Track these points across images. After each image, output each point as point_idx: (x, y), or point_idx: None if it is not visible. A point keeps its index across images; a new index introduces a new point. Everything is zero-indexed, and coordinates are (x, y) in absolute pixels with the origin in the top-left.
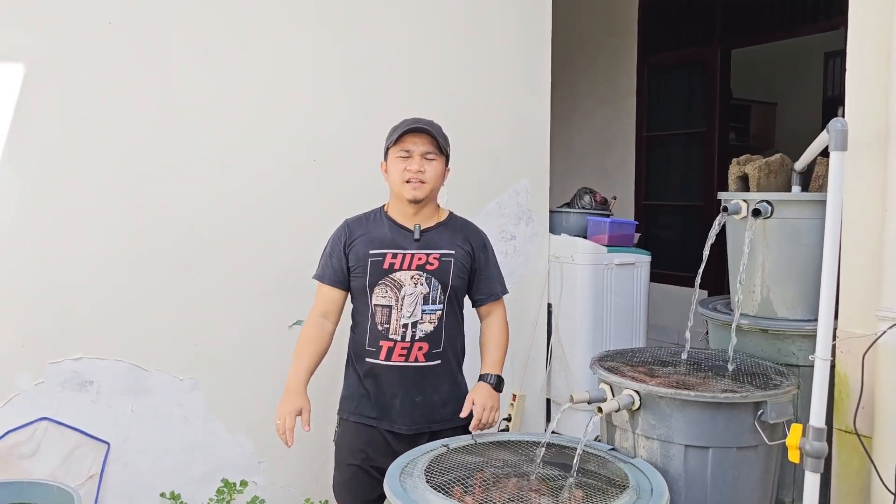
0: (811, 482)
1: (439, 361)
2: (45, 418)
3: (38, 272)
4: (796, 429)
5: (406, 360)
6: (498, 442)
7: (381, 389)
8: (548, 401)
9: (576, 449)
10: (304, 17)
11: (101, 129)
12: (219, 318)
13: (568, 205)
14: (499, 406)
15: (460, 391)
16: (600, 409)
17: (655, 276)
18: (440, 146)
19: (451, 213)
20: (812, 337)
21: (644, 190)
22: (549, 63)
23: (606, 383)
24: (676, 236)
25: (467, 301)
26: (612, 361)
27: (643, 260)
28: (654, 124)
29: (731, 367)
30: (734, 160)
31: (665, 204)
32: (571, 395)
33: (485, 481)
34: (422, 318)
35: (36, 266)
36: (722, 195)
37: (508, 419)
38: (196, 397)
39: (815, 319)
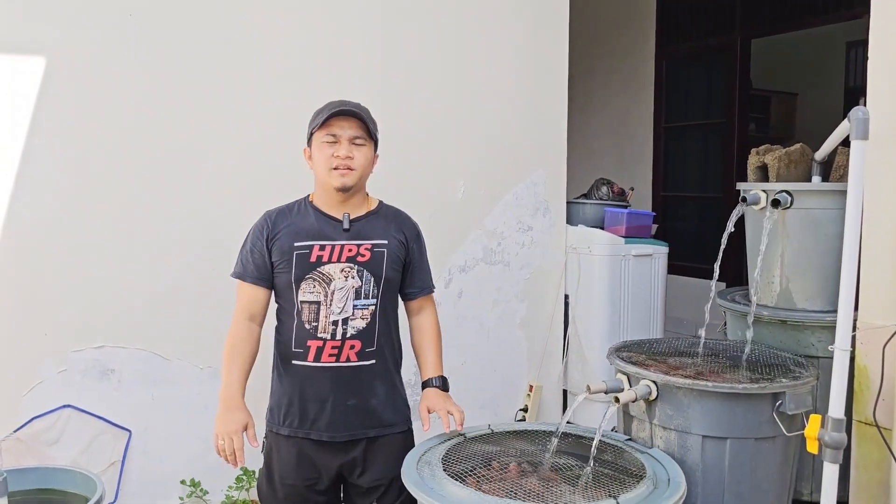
0: (830, 473)
1: (374, 361)
2: (69, 406)
3: (62, 262)
4: (815, 420)
5: (337, 361)
6: (515, 431)
7: (310, 394)
8: (564, 392)
9: (592, 439)
10: (323, 11)
11: (123, 121)
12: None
13: (585, 196)
14: (458, 406)
15: (398, 394)
16: (617, 399)
17: (672, 268)
18: (369, 130)
19: (381, 202)
20: (831, 328)
21: (662, 181)
22: (567, 53)
23: (623, 373)
24: (694, 228)
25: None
26: (629, 352)
27: (661, 251)
28: (673, 115)
29: (749, 357)
30: (753, 150)
31: (683, 195)
32: (588, 385)
33: (502, 470)
34: (353, 314)
35: (59, 256)
36: (741, 185)
37: (525, 410)
38: (215, 386)
39: (835, 310)
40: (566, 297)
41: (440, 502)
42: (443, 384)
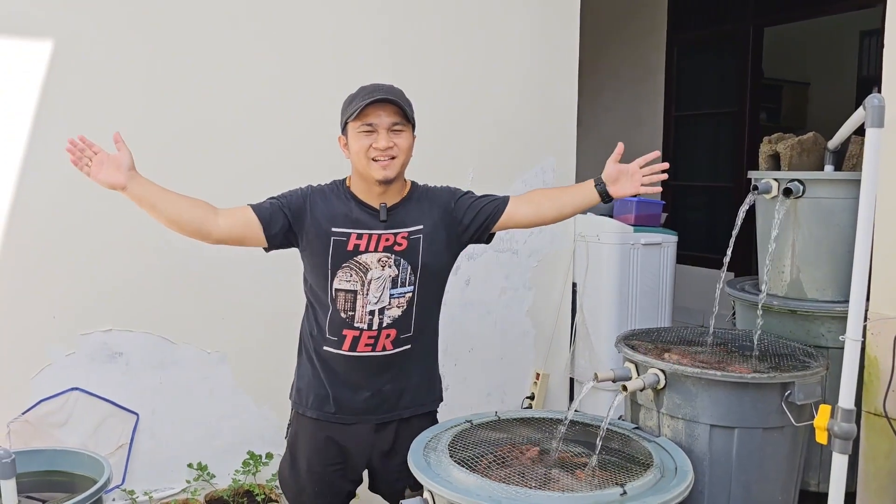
0: (839, 464)
1: (409, 346)
2: (77, 388)
3: (70, 246)
4: (825, 410)
5: (373, 350)
6: (521, 419)
7: (345, 382)
8: (571, 380)
9: (599, 427)
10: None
11: (132, 106)
12: (245, 293)
13: None
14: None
15: (434, 374)
16: (625, 388)
17: (681, 258)
18: (407, 115)
19: (413, 184)
20: (842, 318)
21: (672, 170)
22: (577, 40)
23: (632, 362)
24: (703, 217)
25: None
26: (637, 340)
27: (670, 240)
28: (683, 104)
29: (758, 347)
30: (766, 139)
31: (693, 185)
32: (596, 374)
33: (508, 457)
34: (389, 304)
35: (67, 239)
36: (752, 174)
37: (532, 397)
38: (223, 370)
39: (846, 301)
40: (574, 285)
41: (446, 488)
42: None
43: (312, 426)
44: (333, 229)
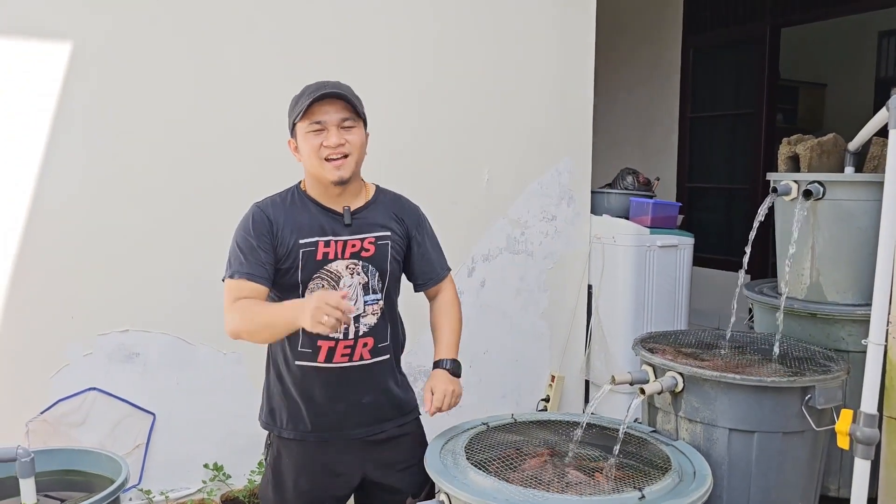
0: (861, 470)
1: (387, 356)
2: (94, 388)
3: (88, 247)
4: (846, 414)
5: (350, 360)
6: (538, 421)
7: (320, 396)
8: (587, 382)
9: (616, 430)
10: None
11: (150, 107)
12: None
13: (610, 185)
14: (460, 391)
15: (405, 380)
16: (643, 391)
17: (696, 259)
18: (357, 110)
19: (377, 188)
20: (863, 322)
21: (687, 172)
22: (594, 41)
23: (649, 365)
24: (719, 219)
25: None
26: (654, 343)
27: (686, 242)
28: (699, 105)
29: (777, 350)
30: (785, 140)
31: (708, 186)
32: (613, 376)
33: (525, 460)
34: (364, 311)
35: (86, 241)
36: (771, 176)
37: (547, 400)
38: (239, 371)
39: (867, 304)
40: (589, 287)
41: (463, 490)
42: (454, 367)
43: (296, 447)
44: (300, 241)
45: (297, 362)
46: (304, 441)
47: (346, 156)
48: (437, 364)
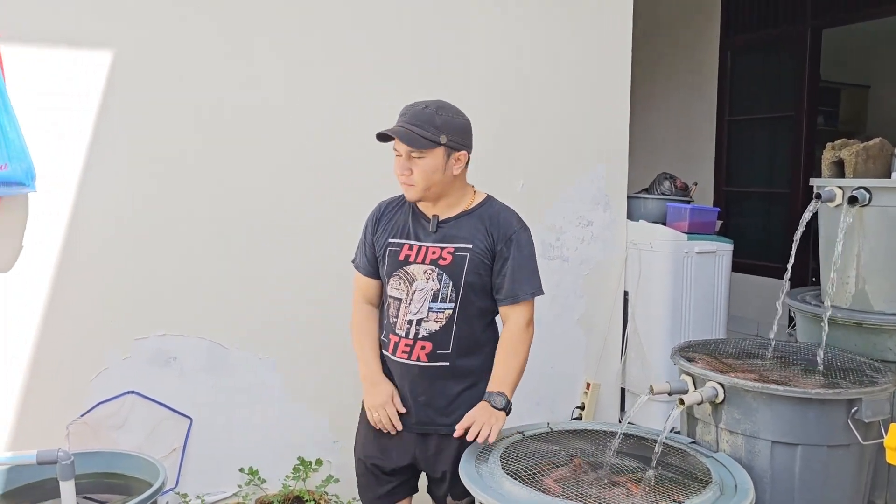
0: None
1: (447, 363)
2: (133, 392)
3: (125, 252)
4: (895, 429)
5: (409, 358)
6: (574, 430)
7: (392, 379)
8: (622, 390)
9: (654, 441)
10: (378, 8)
11: (188, 116)
12: (296, 299)
13: (647, 190)
14: (499, 426)
15: (479, 396)
16: (682, 401)
17: (734, 265)
18: (421, 142)
19: (487, 198)
20: None
21: (724, 176)
22: (630, 44)
23: (689, 374)
24: (757, 224)
25: None
26: (693, 352)
27: (725, 248)
28: (737, 108)
29: (821, 361)
30: (829, 144)
31: (747, 191)
32: (651, 386)
33: (561, 470)
34: (427, 316)
35: (123, 247)
36: (814, 181)
37: (582, 408)
38: (274, 376)
39: None
40: (625, 293)
41: (498, 500)
42: (502, 404)
43: (366, 421)
44: (390, 240)
45: (381, 349)
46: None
47: (409, 184)
48: (484, 396)
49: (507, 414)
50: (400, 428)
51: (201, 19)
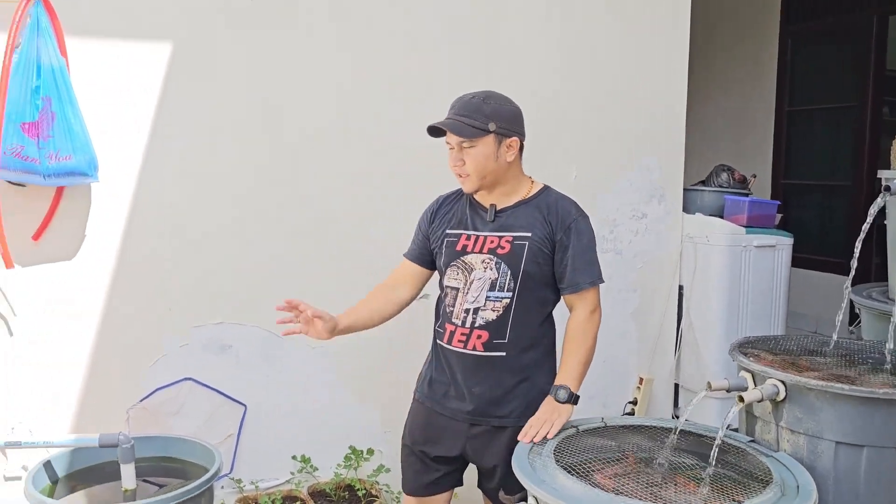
0: None
1: (503, 353)
2: (189, 378)
3: (184, 243)
4: None
5: (464, 347)
6: (629, 426)
7: (442, 371)
8: (676, 386)
9: (712, 438)
10: (432, 4)
11: (246, 110)
12: (349, 293)
13: (703, 182)
14: (562, 420)
15: (536, 388)
16: (741, 399)
17: (793, 259)
18: (470, 131)
19: (544, 188)
20: None
21: (783, 168)
22: (688, 35)
23: (748, 371)
24: (817, 217)
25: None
26: (753, 349)
27: (784, 243)
28: (797, 98)
29: (889, 359)
30: None
31: (807, 183)
32: (709, 383)
33: (616, 466)
34: (484, 305)
35: (181, 238)
36: (883, 174)
37: (634, 402)
38: (326, 365)
39: None
40: (680, 287)
41: (552, 495)
42: (565, 397)
43: (417, 407)
44: (448, 231)
45: (436, 338)
46: (422, 404)
47: (462, 175)
48: (551, 390)
49: (575, 404)
50: (299, 308)
51: (268, 12)
